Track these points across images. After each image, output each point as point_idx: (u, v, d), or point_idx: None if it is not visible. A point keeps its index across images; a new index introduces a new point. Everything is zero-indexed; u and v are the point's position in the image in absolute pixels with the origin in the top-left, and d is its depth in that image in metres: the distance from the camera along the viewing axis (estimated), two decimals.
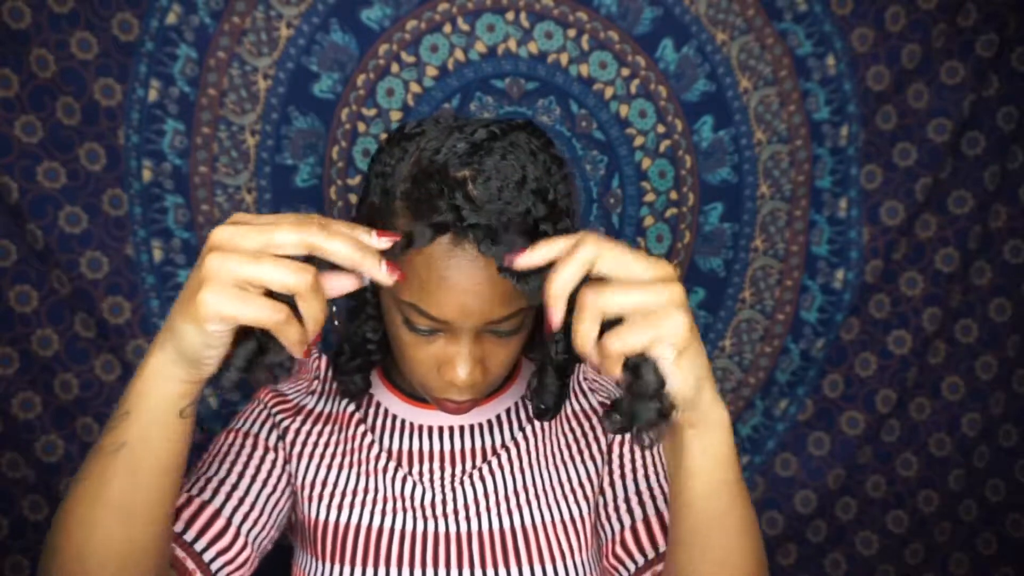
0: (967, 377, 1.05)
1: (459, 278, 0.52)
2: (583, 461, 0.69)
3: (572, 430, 0.71)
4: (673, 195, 1.00)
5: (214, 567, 0.58)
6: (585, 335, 0.42)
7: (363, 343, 0.65)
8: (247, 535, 0.61)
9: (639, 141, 0.99)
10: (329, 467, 0.67)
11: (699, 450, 0.46)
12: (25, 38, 0.86)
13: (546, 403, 0.60)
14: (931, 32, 0.95)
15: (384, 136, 0.96)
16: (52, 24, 0.87)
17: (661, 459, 0.68)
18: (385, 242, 0.46)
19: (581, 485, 0.68)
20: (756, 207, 1.01)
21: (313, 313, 0.42)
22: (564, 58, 0.97)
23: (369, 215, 0.58)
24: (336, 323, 0.58)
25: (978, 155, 1.00)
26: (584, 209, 1.00)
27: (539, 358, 0.61)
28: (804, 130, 0.99)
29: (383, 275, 0.45)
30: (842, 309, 1.03)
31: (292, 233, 0.41)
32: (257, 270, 0.40)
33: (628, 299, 0.41)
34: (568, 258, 0.42)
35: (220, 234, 0.41)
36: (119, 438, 0.46)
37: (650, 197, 1.00)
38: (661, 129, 0.99)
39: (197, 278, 0.41)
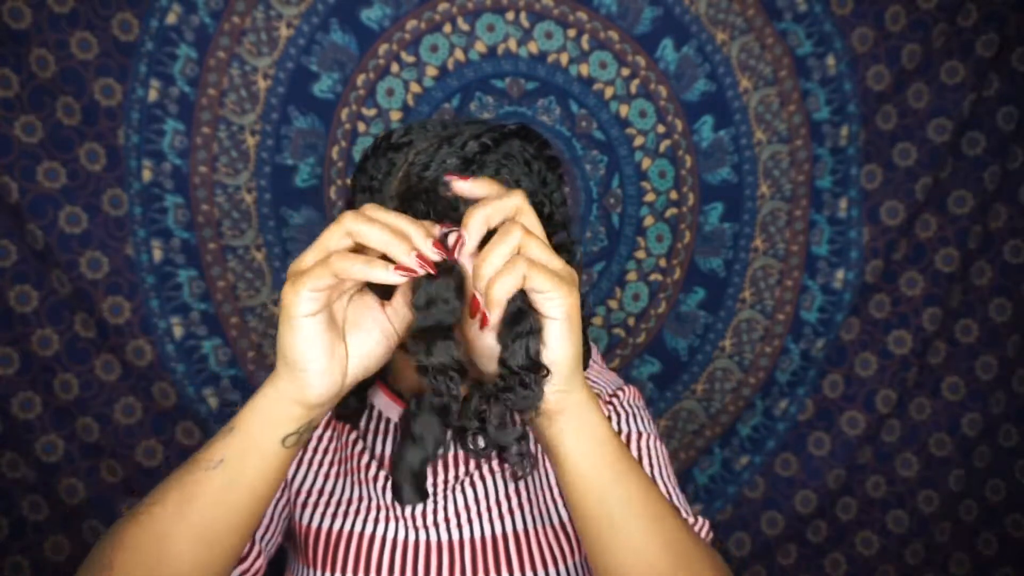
0: (967, 377, 1.05)
1: None
2: None
3: None
4: (673, 195, 1.00)
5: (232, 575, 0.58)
6: (493, 261, 0.41)
7: None
8: (261, 541, 0.61)
9: (639, 141, 0.99)
10: (327, 476, 0.67)
11: (573, 436, 0.46)
12: (25, 38, 0.86)
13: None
14: (931, 32, 0.95)
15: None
16: (52, 24, 0.87)
17: (650, 452, 0.67)
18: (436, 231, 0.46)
19: None
20: (756, 207, 1.01)
21: (378, 241, 0.42)
22: (564, 58, 0.97)
23: None
24: None
25: (978, 155, 1.00)
26: (584, 209, 1.00)
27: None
28: (804, 130, 0.99)
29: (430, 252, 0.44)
30: (842, 309, 1.03)
31: (334, 229, 0.43)
32: (318, 251, 0.43)
33: (542, 254, 0.42)
34: (499, 239, 0.42)
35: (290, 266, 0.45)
36: (217, 454, 0.45)
37: (650, 197, 1.00)
38: (661, 129, 0.99)
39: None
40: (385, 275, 0.41)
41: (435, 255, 0.42)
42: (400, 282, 0.42)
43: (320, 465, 0.67)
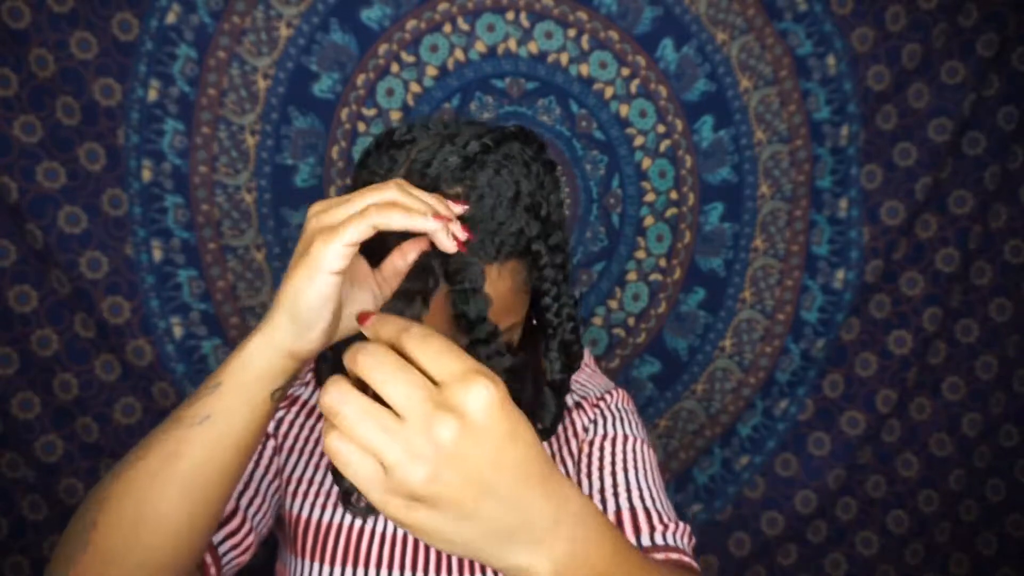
0: (967, 377, 1.05)
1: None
2: (560, 461, 0.69)
3: None
4: (673, 195, 1.00)
5: (222, 550, 0.57)
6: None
7: None
8: (252, 519, 0.61)
9: (639, 141, 0.99)
10: (317, 465, 0.67)
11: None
12: (25, 38, 0.86)
13: (544, 423, 0.58)
14: (931, 32, 0.95)
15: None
16: (52, 24, 0.87)
17: (635, 455, 0.67)
18: (458, 209, 0.48)
19: None
20: (756, 207, 1.01)
21: (419, 207, 0.44)
22: (564, 58, 0.97)
23: None
24: None
25: (978, 155, 1.00)
26: (584, 209, 1.00)
27: (535, 378, 0.60)
28: (804, 130, 0.99)
29: (458, 230, 0.46)
30: (842, 309, 1.03)
31: (374, 194, 0.44)
32: (353, 206, 0.43)
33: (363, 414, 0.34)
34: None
35: (315, 206, 0.45)
36: (203, 410, 0.45)
37: (650, 197, 1.00)
38: (661, 129, 0.99)
39: (304, 241, 0.44)
40: (424, 223, 0.43)
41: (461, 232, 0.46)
42: (436, 229, 0.44)
43: (312, 455, 0.68)
